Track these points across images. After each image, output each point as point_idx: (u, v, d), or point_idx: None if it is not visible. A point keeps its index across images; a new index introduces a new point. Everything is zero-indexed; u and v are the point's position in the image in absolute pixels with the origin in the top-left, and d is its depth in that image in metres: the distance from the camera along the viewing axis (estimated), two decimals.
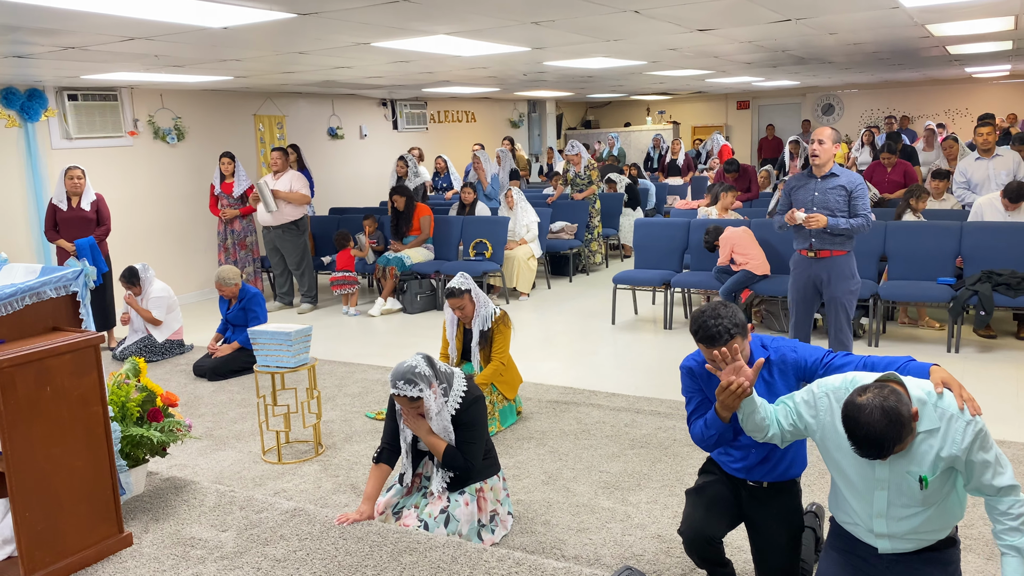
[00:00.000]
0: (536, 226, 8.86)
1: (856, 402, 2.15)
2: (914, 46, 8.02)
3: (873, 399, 2.12)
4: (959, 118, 15.70)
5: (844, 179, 4.83)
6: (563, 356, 6.43)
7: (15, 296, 3.06)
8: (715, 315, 2.56)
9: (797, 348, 2.77)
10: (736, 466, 2.86)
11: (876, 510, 2.33)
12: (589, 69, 8.85)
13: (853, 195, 4.80)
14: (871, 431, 2.10)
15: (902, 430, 2.11)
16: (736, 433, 2.71)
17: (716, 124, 18.17)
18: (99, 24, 4.52)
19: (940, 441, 2.21)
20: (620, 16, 5.13)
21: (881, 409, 2.10)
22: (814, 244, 4.91)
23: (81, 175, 6.85)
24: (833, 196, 4.82)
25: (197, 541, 3.28)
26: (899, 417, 2.10)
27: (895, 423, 2.10)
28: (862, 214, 4.80)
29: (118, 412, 3.61)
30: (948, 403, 2.23)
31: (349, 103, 11.65)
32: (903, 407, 2.12)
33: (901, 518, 2.31)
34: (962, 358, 5.92)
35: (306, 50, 6.04)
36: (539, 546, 3.44)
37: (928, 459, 2.22)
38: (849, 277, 4.92)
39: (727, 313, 2.57)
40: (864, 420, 2.11)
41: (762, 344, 2.78)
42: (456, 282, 4.73)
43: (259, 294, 6.31)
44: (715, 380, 2.75)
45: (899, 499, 2.29)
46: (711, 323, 2.54)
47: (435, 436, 3.40)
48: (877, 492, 2.31)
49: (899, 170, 8.42)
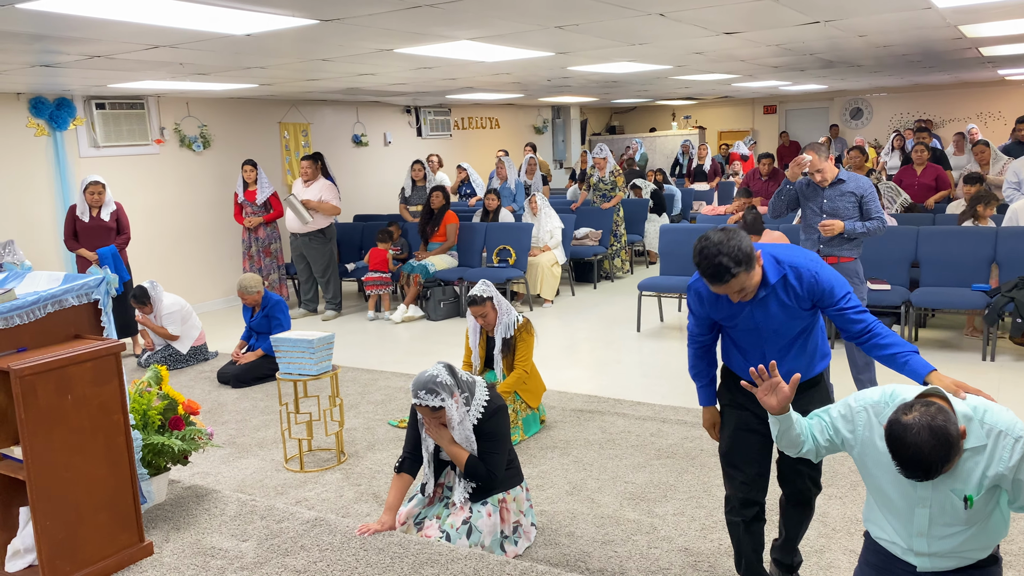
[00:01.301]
0: (560, 232, 8.80)
1: (902, 421, 2.04)
2: (946, 48, 7.86)
3: (920, 418, 2.02)
4: (991, 121, 15.41)
5: (852, 184, 4.81)
6: (587, 364, 6.36)
7: (37, 304, 3.06)
8: (717, 251, 2.42)
9: (819, 271, 2.62)
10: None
11: (917, 528, 2.24)
12: (614, 74, 8.79)
13: (864, 199, 4.79)
14: (919, 453, 2.00)
15: (951, 451, 2.01)
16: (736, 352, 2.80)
17: (742, 129, 18.00)
18: (124, 32, 4.54)
19: (987, 459, 2.12)
20: (645, 20, 5.06)
21: (929, 429, 2.00)
22: (822, 250, 4.88)
23: (102, 189, 6.88)
24: (843, 203, 4.81)
25: (217, 551, 3.25)
26: (948, 437, 2.00)
27: (943, 444, 2.00)
28: (876, 216, 4.79)
29: (139, 420, 3.60)
30: (996, 419, 2.13)
31: (373, 110, 11.68)
32: (951, 427, 2.02)
33: (943, 537, 2.21)
34: (998, 367, 5.77)
35: (329, 57, 6.04)
36: (563, 558, 3.37)
37: (974, 477, 2.13)
38: (857, 284, 4.89)
39: (731, 248, 2.42)
40: (911, 441, 2.01)
41: (776, 259, 2.64)
42: (478, 290, 4.68)
43: (281, 301, 6.30)
44: (722, 302, 2.70)
45: (941, 518, 2.20)
46: (713, 260, 2.43)
47: (457, 446, 3.35)
48: (918, 510, 2.22)
49: (930, 174, 8.26)
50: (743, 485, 2.84)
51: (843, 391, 5.22)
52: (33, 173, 7.71)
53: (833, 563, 3.26)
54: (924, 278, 6.38)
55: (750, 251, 2.48)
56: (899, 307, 6.11)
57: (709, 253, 2.45)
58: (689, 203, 11.88)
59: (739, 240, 2.46)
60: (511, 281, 8.25)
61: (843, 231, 4.74)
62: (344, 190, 10.72)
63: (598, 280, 9.68)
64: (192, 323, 6.86)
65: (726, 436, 2.89)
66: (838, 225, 4.73)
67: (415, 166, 9.64)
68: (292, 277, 9.08)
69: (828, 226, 4.74)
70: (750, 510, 2.85)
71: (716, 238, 2.47)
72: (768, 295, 2.63)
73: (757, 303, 2.66)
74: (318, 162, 8.38)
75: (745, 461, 2.83)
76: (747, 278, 2.50)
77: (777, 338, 2.72)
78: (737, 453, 2.85)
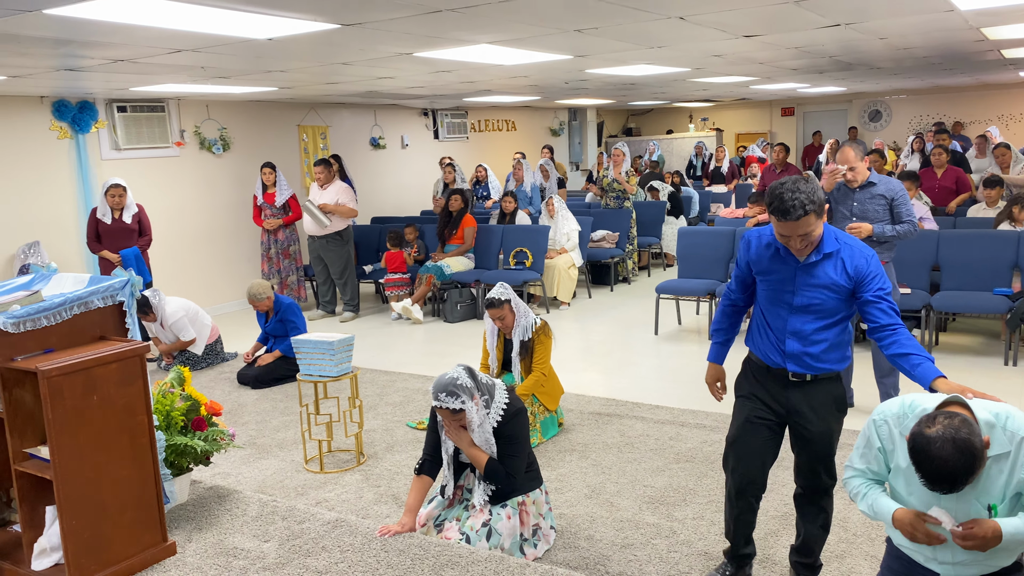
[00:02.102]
0: (577, 235, 8.80)
1: (925, 434, 2.02)
2: (968, 50, 7.81)
3: (944, 431, 2.00)
4: (1013, 123, 15.27)
5: (883, 187, 4.74)
6: (605, 367, 6.36)
7: (64, 306, 3.10)
8: (795, 188, 2.58)
9: (871, 257, 2.75)
10: (776, 358, 2.88)
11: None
12: (631, 76, 8.78)
13: (895, 202, 4.72)
14: (944, 466, 1.98)
15: (975, 463, 1.99)
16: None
17: (760, 131, 17.93)
18: (148, 37, 4.59)
19: (1011, 466, 2.11)
20: (664, 23, 5.06)
21: (953, 442, 1.98)
22: None
23: (123, 192, 6.95)
24: (872, 206, 4.75)
25: (239, 551, 3.28)
26: (972, 450, 1.98)
27: (968, 456, 1.98)
28: (907, 220, 4.71)
29: (163, 421, 3.64)
30: (1018, 425, 2.12)
31: (391, 113, 11.72)
32: (975, 439, 2.00)
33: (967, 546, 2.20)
34: (1020, 372, 5.72)
35: (349, 60, 6.08)
36: (582, 562, 3.38)
37: (998, 485, 2.12)
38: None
39: (807, 189, 2.58)
40: (936, 454, 1.99)
41: (835, 236, 2.78)
42: (496, 292, 4.70)
43: (293, 304, 6.31)
44: (771, 254, 2.83)
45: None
46: (788, 196, 2.57)
47: (477, 448, 3.36)
48: None
49: (950, 177, 8.19)
50: (741, 476, 2.96)
51: (864, 395, 5.20)
52: (56, 175, 7.80)
53: (854, 569, 3.24)
54: (945, 282, 6.34)
55: (823, 200, 2.64)
56: (920, 311, 6.07)
57: (788, 188, 2.60)
58: (707, 205, 11.84)
59: (815, 186, 2.62)
60: (528, 283, 8.26)
61: (871, 234, 4.67)
62: (362, 192, 10.77)
63: (615, 283, 9.67)
64: (201, 321, 6.78)
65: (736, 425, 3.00)
66: (865, 228, 4.66)
67: (447, 169, 9.61)
68: (310, 279, 9.13)
69: (856, 228, 4.67)
70: (743, 500, 2.98)
71: (794, 179, 2.64)
72: (818, 262, 2.75)
73: (803, 267, 2.77)
74: (331, 166, 8.42)
75: (749, 452, 2.94)
76: (815, 223, 2.63)
77: (805, 316, 2.80)
78: (742, 443, 2.95)
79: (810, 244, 2.70)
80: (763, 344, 2.92)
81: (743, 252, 2.94)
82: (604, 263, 9.54)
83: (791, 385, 2.87)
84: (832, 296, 2.77)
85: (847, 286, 2.74)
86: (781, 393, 2.89)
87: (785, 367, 2.86)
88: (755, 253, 2.89)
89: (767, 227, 2.87)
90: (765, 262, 2.86)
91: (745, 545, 3.10)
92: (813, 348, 2.81)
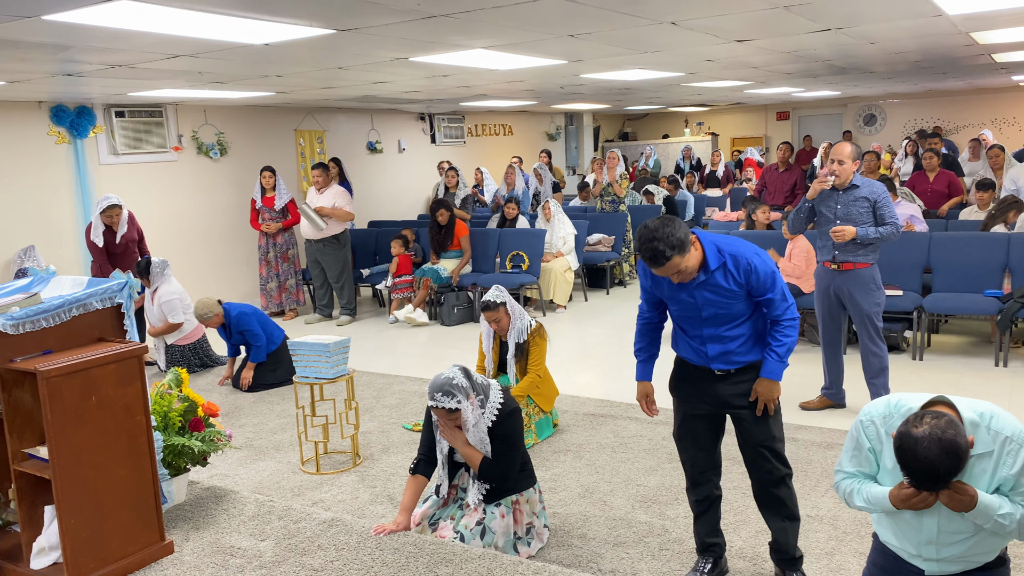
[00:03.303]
0: (573, 238, 8.84)
1: (913, 434, 2.06)
2: (958, 54, 7.87)
3: (931, 432, 2.04)
4: (1006, 127, 15.36)
5: (866, 190, 4.76)
6: (600, 368, 6.40)
7: (63, 307, 3.14)
8: (652, 238, 2.72)
9: (756, 261, 2.87)
10: (700, 359, 3.03)
11: (925, 537, 2.27)
12: (626, 81, 8.84)
13: (877, 204, 4.75)
14: (929, 465, 2.03)
15: (959, 463, 2.04)
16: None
17: (755, 135, 18.00)
18: (146, 42, 4.64)
19: (994, 464, 2.15)
20: (657, 28, 5.12)
21: (939, 443, 2.02)
22: (837, 256, 4.85)
23: (120, 211, 6.75)
24: (856, 208, 4.77)
25: (236, 550, 3.32)
26: (957, 450, 2.03)
27: (953, 457, 2.03)
28: (890, 222, 4.73)
29: (160, 422, 3.68)
30: (1002, 425, 2.16)
31: (388, 117, 11.78)
32: (960, 439, 2.04)
33: (951, 543, 2.24)
34: (1010, 373, 5.77)
35: (346, 65, 6.13)
36: (575, 560, 3.42)
37: (981, 484, 2.16)
38: (873, 289, 4.85)
39: (665, 234, 2.70)
40: (922, 454, 2.04)
41: (718, 248, 2.89)
42: (491, 295, 4.74)
43: (243, 311, 6.10)
44: (665, 281, 2.96)
45: (950, 525, 2.22)
46: (648, 248, 2.72)
47: (471, 448, 3.40)
48: (926, 519, 2.25)
49: (943, 180, 8.25)
50: (692, 466, 3.17)
51: (855, 396, 5.24)
52: (54, 181, 7.84)
53: (843, 566, 3.28)
54: (936, 284, 6.39)
55: (684, 237, 2.74)
56: (911, 313, 6.12)
57: (645, 238, 2.74)
58: (702, 209, 11.90)
59: (674, 227, 2.72)
60: (524, 287, 8.31)
61: (855, 237, 4.73)
62: (359, 197, 10.82)
63: (611, 286, 9.72)
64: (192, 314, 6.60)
65: (676, 422, 3.20)
66: (849, 231, 4.71)
67: (449, 173, 9.60)
68: (307, 283, 9.17)
69: (839, 232, 4.72)
70: (700, 490, 3.16)
71: (653, 224, 2.74)
72: (707, 279, 2.88)
73: (697, 286, 2.90)
74: (329, 170, 8.46)
75: (693, 443, 3.14)
76: (682, 261, 2.76)
77: (716, 320, 2.96)
78: (685, 437, 3.16)
79: (690, 274, 2.84)
80: (686, 349, 3.09)
81: (644, 279, 3.10)
82: (600, 266, 9.59)
83: (718, 379, 3.03)
84: (733, 302, 2.92)
85: (740, 291, 2.90)
86: (711, 387, 3.04)
87: (710, 367, 3.01)
88: (653, 281, 3.05)
89: None
90: (664, 288, 3.01)
91: (712, 535, 3.21)
92: (732, 344, 2.97)
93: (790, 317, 2.92)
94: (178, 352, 6.70)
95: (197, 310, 6.07)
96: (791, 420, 4.97)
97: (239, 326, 6.11)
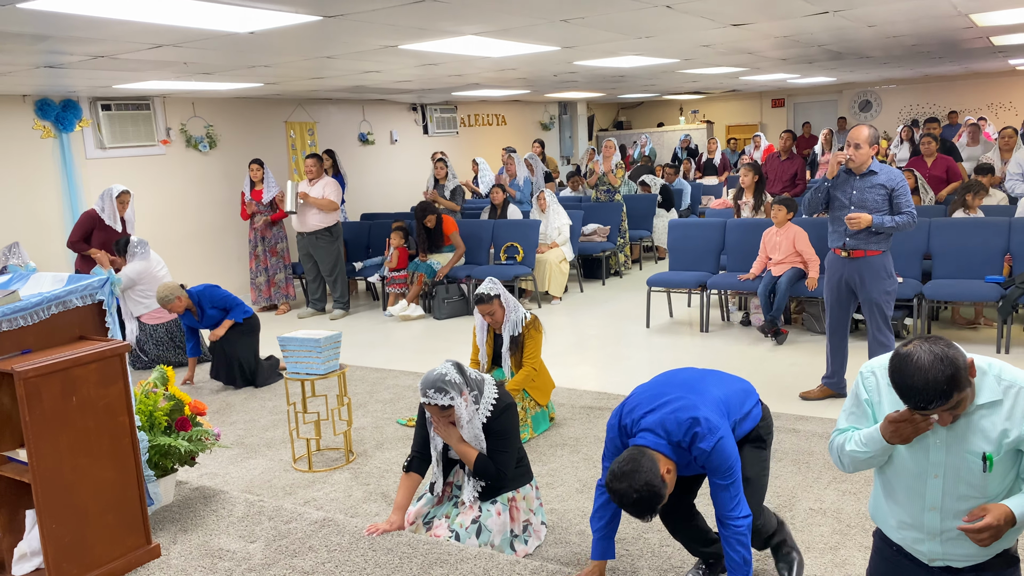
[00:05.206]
0: (568, 229, 8.74)
1: (902, 351, 2.01)
2: (956, 37, 7.78)
3: (920, 346, 1.99)
4: (1003, 112, 15.28)
5: (883, 176, 4.65)
6: (596, 360, 6.32)
7: (41, 305, 3.03)
8: (628, 489, 2.48)
9: (709, 452, 2.63)
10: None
11: (929, 502, 2.16)
12: (620, 68, 8.73)
13: (895, 192, 4.63)
14: (922, 375, 1.94)
15: (956, 373, 1.94)
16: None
17: (751, 123, 17.91)
18: (126, 31, 4.52)
19: (1005, 416, 2.05)
20: (651, 12, 5.01)
21: (931, 353, 1.95)
22: (848, 243, 4.75)
23: (129, 196, 7.11)
24: (872, 195, 4.66)
25: (225, 552, 3.23)
26: (951, 360, 1.95)
27: (948, 365, 1.94)
28: (907, 211, 4.62)
29: (146, 421, 3.58)
30: (1013, 376, 2.06)
31: (379, 108, 11.65)
32: (957, 354, 1.97)
33: (957, 512, 2.13)
34: (1012, 359, 5.70)
35: (334, 54, 6.01)
36: (574, 557, 3.33)
37: (991, 437, 2.05)
38: (885, 277, 4.75)
39: (640, 484, 2.47)
40: (915, 364, 1.96)
41: (688, 437, 2.65)
42: (485, 287, 4.64)
43: (207, 288, 6.00)
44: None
45: (956, 488, 2.11)
46: (630, 502, 2.50)
47: (466, 444, 3.31)
48: (931, 481, 2.14)
49: (940, 165, 8.15)
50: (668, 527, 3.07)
51: None
52: (40, 175, 7.71)
53: (848, 559, 3.21)
54: (937, 270, 6.31)
55: (660, 487, 2.51)
56: (911, 300, 6.04)
57: (626, 499, 2.51)
58: (698, 197, 11.82)
59: (644, 475, 2.49)
60: (519, 278, 8.21)
61: (870, 224, 4.61)
62: (351, 189, 10.69)
63: (607, 276, 9.63)
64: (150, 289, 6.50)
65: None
66: (865, 219, 4.59)
67: (438, 164, 9.53)
68: (299, 276, 9.07)
69: (855, 219, 4.60)
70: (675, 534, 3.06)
71: (625, 478, 2.49)
72: (697, 457, 2.69)
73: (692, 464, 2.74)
74: (322, 160, 8.34)
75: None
76: (670, 479, 2.61)
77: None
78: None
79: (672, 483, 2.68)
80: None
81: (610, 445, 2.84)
82: (595, 257, 9.50)
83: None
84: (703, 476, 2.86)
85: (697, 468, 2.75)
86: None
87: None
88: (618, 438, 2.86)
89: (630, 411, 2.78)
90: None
91: (706, 545, 3.07)
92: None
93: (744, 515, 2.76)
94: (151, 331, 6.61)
95: (159, 294, 5.82)
96: (791, 411, 4.90)
97: (211, 300, 5.97)
